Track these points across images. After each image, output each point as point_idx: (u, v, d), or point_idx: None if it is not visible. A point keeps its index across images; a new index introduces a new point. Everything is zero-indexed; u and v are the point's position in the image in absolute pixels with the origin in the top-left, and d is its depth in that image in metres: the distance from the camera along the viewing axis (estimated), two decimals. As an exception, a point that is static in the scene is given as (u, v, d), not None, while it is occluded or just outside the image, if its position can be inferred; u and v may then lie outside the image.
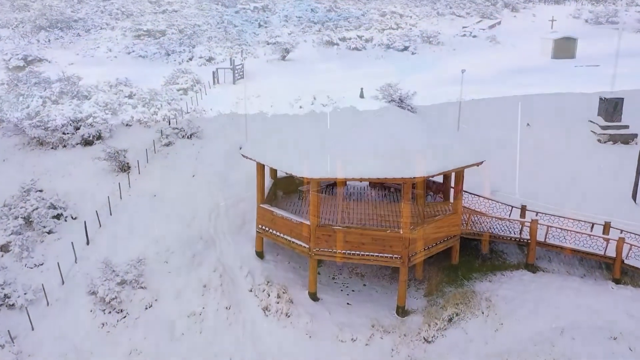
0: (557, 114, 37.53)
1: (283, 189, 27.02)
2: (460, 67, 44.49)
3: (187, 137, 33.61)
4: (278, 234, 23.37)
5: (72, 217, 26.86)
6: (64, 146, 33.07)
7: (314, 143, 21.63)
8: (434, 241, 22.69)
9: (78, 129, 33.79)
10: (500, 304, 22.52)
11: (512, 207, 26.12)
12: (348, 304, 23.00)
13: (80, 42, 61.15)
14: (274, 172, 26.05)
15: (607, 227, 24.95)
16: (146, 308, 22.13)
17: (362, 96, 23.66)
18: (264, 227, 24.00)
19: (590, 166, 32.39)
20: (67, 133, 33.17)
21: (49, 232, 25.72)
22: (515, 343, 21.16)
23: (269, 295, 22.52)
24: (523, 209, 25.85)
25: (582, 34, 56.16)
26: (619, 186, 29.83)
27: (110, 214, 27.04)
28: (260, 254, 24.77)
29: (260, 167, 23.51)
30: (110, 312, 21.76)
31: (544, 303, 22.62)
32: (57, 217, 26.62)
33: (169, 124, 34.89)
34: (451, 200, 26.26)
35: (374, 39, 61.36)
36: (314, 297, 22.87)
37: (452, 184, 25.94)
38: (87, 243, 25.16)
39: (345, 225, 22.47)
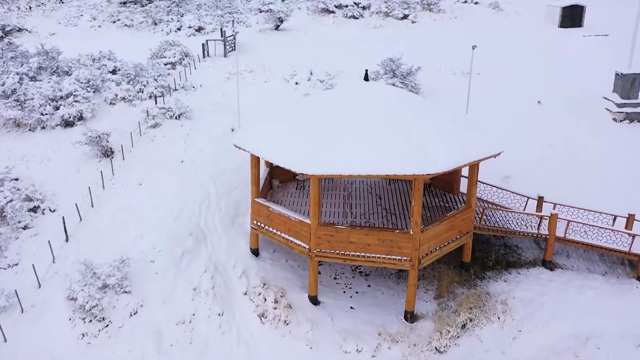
0: (569, 91, 35.32)
1: (279, 178, 24.97)
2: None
3: (176, 117, 31.23)
4: (275, 231, 21.34)
5: (50, 210, 24.68)
6: (43, 128, 30.68)
7: (314, 133, 19.44)
8: (446, 240, 20.71)
9: (58, 108, 31.35)
10: (518, 308, 20.75)
11: (528, 198, 24.13)
12: (352, 307, 21.11)
13: (62, 9, 57.91)
14: (269, 160, 23.92)
15: (630, 220, 23.09)
16: (131, 315, 20.13)
17: (366, 79, 21.33)
18: (259, 224, 21.95)
19: (605, 148, 30.41)
20: (46, 113, 30.72)
21: (25, 228, 23.55)
22: (535, 352, 19.52)
23: (265, 300, 20.58)
24: (540, 200, 23.88)
25: (587, 1, 53.34)
26: (638, 171, 27.96)
27: (92, 206, 24.87)
28: (255, 251, 22.78)
29: (255, 158, 21.35)
30: (91, 321, 19.74)
31: (564, 305, 20.89)
32: (34, 210, 24.45)
33: (156, 102, 32.45)
34: (461, 190, 24.40)
35: (371, 6, 58.39)
36: (314, 300, 20.96)
37: (463, 172, 24.03)
38: (67, 240, 23.04)
39: (349, 225, 20.46)
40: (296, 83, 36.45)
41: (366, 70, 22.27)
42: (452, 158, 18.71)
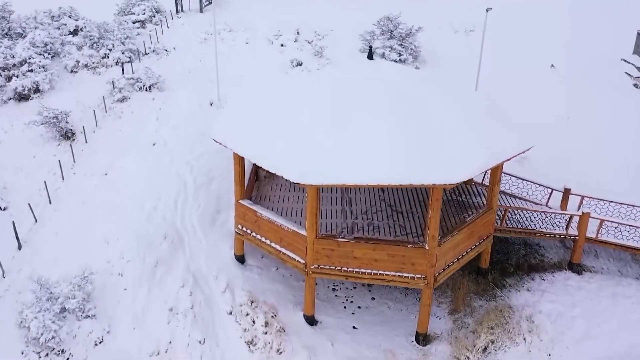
0: (583, 52, 32.01)
1: (266, 167, 21.59)
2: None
3: (146, 89, 27.41)
4: (264, 240, 18.19)
5: (0, 208, 21.25)
6: (-6, 102, 26.94)
7: (309, 129, 16.07)
8: (464, 249, 17.74)
9: (10, 79, 27.48)
10: (545, 325, 18.03)
11: (552, 189, 21.14)
12: (354, 327, 18.23)
13: (20, -46, 52.55)
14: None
15: (668, 214, 20.28)
16: (95, 345, 16.98)
17: (370, 57, 17.79)
18: (244, 229, 18.76)
19: (625, 119, 27.44)
20: (-4, 86, 26.94)
21: (-31, 233, 20.20)
22: (567, 382, 16.86)
23: (253, 323, 17.58)
24: (566, 193, 20.89)
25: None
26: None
27: (50, 202, 21.43)
28: (240, 258, 19.68)
29: (239, 156, 17.95)
30: (47, 355, 16.60)
31: (596, 320, 18.24)
32: (-19, 209, 21.04)
33: (123, 71, 28.52)
34: (475, 180, 21.36)
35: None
36: (311, 320, 18.03)
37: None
38: (19, 247, 19.64)
39: (352, 238, 17.27)
40: (282, 45, 32.63)
41: (370, 47, 18.71)
42: (478, 161, 15.51)
